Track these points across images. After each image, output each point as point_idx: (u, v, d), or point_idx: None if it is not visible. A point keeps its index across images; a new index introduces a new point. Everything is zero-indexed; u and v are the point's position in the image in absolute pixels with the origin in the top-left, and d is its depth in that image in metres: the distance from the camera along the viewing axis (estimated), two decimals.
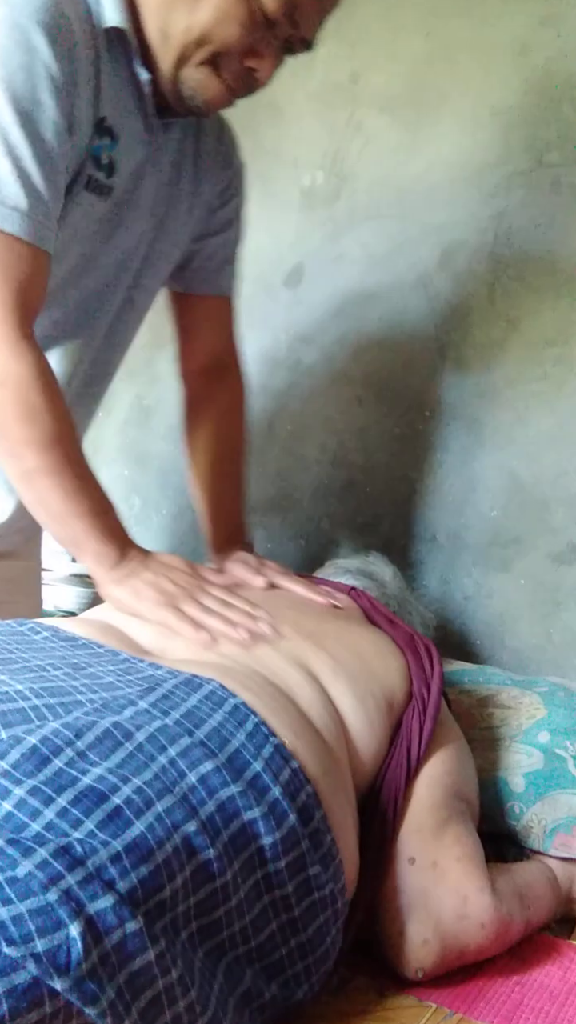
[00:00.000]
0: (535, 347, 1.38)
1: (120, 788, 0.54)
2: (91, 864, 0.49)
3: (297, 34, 0.88)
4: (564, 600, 1.35)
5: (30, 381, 0.83)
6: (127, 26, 0.87)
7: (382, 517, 1.53)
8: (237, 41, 0.86)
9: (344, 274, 1.57)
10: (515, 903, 0.76)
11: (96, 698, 0.62)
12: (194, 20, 0.85)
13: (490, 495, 1.42)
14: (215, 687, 0.66)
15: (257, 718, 0.64)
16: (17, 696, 0.61)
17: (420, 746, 0.78)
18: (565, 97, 1.36)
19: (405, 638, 0.89)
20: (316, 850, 0.62)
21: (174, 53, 0.88)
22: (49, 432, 0.83)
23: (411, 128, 1.51)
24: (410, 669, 0.85)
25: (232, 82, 0.90)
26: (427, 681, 0.84)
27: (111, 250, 0.98)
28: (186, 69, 0.89)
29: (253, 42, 0.86)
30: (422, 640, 0.90)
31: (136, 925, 0.49)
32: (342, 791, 0.69)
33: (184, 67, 0.89)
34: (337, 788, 0.68)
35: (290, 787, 0.62)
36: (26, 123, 0.80)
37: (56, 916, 0.46)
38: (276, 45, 0.88)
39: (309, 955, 0.62)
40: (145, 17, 0.88)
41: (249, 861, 0.58)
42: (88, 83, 0.85)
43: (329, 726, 0.72)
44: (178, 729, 0.60)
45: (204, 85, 0.89)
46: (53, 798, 0.52)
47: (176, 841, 0.54)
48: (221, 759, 0.59)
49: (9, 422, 0.83)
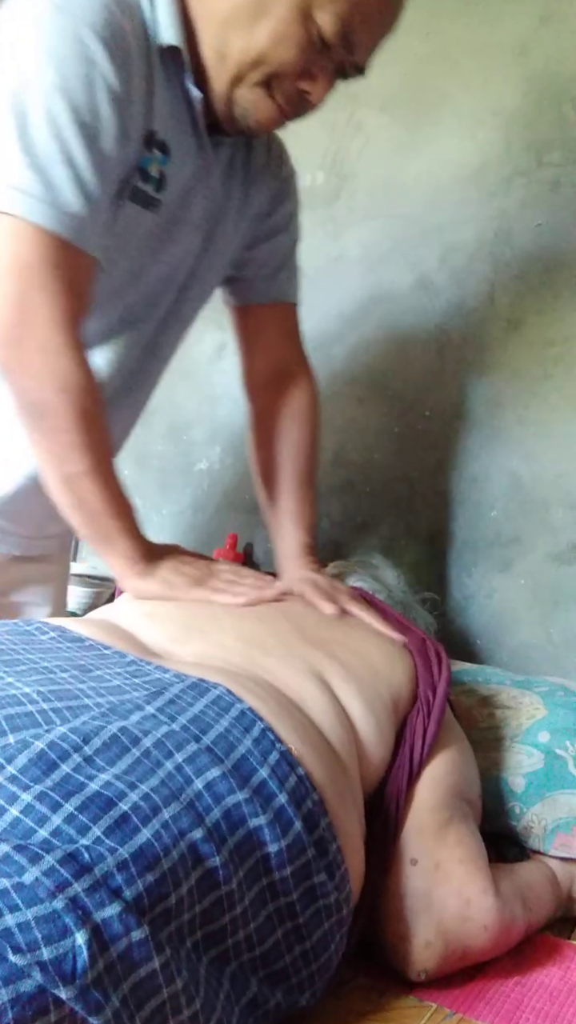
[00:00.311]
0: (535, 347, 1.38)
1: (127, 794, 0.53)
2: (98, 871, 0.49)
3: (351, 59, 0.89)
4: (564, 600, 1.35)
5: (88, 388, 0.83)
6: (182, 44, 0.87)
7: (382, 517, 1.53)
8: (293, 63, 0.87)
9: (344, 274, 1.57)
10: (517, 905, 0.77)
11: (103, 702, 0.62)
12: (252, 41, 0.86)
13: (490, 495, 1.42)
14: (222, 692, 0.65)
15: (264, 724, 0.64)
16: (24, 699, 0.60)
17: (423, 748, 0.78)
18: (565, 97, 1.36)
19: (417, 642, 0.89)
20: (321, 858, 0.62)
21: (229, 73, 0.88)
22: (99, 439, 0.85)
23: (411, 128, 1.51)
24: (417, 672, 0.85)
25: (284, 104, 0.91)
26: (434, 684, 0.84)
27: (159, 264, 0.98)
28: (240, 89, 0.89)
29: (308, 64, 0.87)
30: (433, 644, 0.90)
31: (142, 933, 0.49)
32: (349, 798, 0.69)
33: (238, 87, 0.89)
34: (344, 795, 0.68)
35: (296, 794, 0.61)
36: (84, 132, 0.80)
37: (62, 924, 0.46)
38: (330, 69, 0.90)
39: (313, 962, 0.62)
40: (201, 36, 0.88)
41: (254, 869, 0.58)
42: (141, 96, 0.86)
43: (340, 733, 0.72)
44: (185, 735, 0.60)
45: (257, 106, 0.90)
46: (60, 804, 0.52)
47: (182, 848, 0.53)
48: (227, 765, 0.59)
49: (66, 427, 0.83)
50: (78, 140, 0.80)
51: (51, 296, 0.81)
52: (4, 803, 0.51)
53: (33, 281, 0.80)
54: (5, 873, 0.47)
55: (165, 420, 1.77)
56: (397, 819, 0.75)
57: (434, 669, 0.86)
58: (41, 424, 0.85)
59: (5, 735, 0.56)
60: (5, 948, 0.44)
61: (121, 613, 0.86)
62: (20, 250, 0.80)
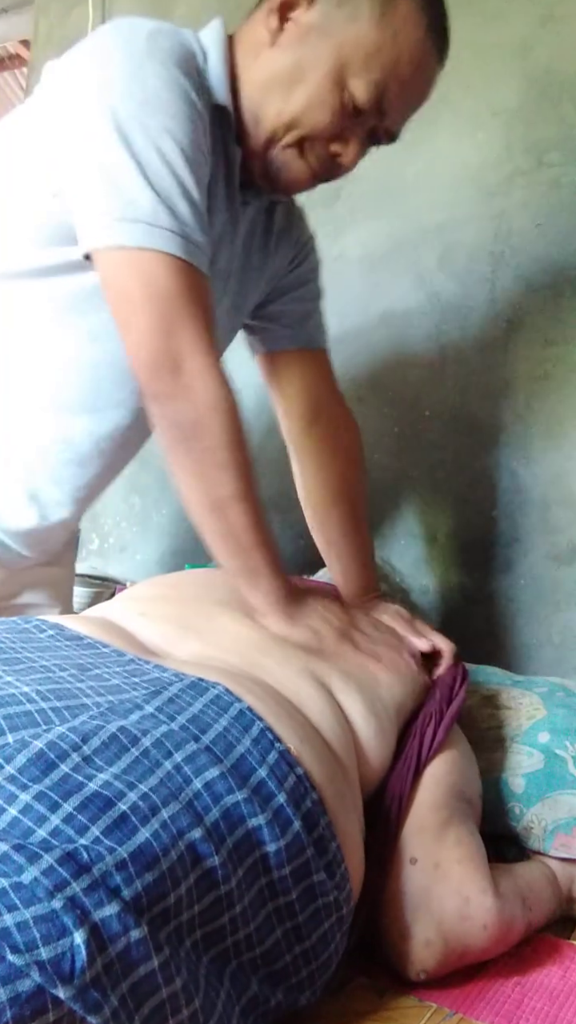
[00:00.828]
0: (535, 347, 1.38)
1: (126, 794, 0.53)
2: (97, 871, 0.49)
3: (383, 125, 0.92)
4: (564, 600, 1.35)
5: (235, 408, 0.84)
6: (229, 105, 0.90)
7: (382, 517, 1.53)
8: (326, 128, 0.89)
9: (344, 274, 1.57)
10: (517, 904, 0.77)
11: (102, 701, 0.62)
12: (288, 105, 0.89)
13: (490, 495, 1.42)
14: (221, 691, 0.65)
15: (263, 723, 0.64)
16: (23, 699, 0.60)
17: (429, 752, 0.79)
18: (565, 97, 1.36)
19: None
20: (321, 857, 0.62)
21: (265, 135, 0.91)
22: (245, 459, 0.84)
23: (411, 128, 1.50)
24: (435, 687, 0.86)
25: (316, 166, 0.93)
26: (449, 699, 0.86)
27: None
28: (274, 150, 0.92)
29: (341, 129, 0.90)
30: (461, 666, 0.92)
31: (140, 933, 0.49)
32: (348, 797, 0.69)
33: (272, 148, 0.92)
34: (343, 794, 0.68)
35: (295, 793, 0.61)
36: (192, 167, 0.82)
37: (61, 923, 0.46)
38: (362, 133, 0.92)
39: (313, 961, 0.62)
40: (243, 98, 0.91)
41: (253, 868, 0.58)
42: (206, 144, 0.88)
43: (338, 734, 0.72)
44: (184, 734, 0.60)
45: (289, 167, 0.92)
46: (59, 803, 0.52)
47: (181, 848, 0.53)
48: (226, 765, 0.59)
49: (218, 445, 0.83)
50: (189, 174, 0.82)
51: (194, 321, 0.82)
52: (3, 803, 0.51)
53: (177, 309, 0.81)
54: (3, 873, 0.47)
55: None
56: (398, 818, 0.76)
57: (452, 684, 0.88)
58: (193, 446, 0.83)
59: (4, 735, 0.56)
60: (3, 948, 0.44)
61: (116, 612, 0.86)
62: (160, 281, 0.81)
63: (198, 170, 0.83)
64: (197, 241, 0.82)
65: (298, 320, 1.13)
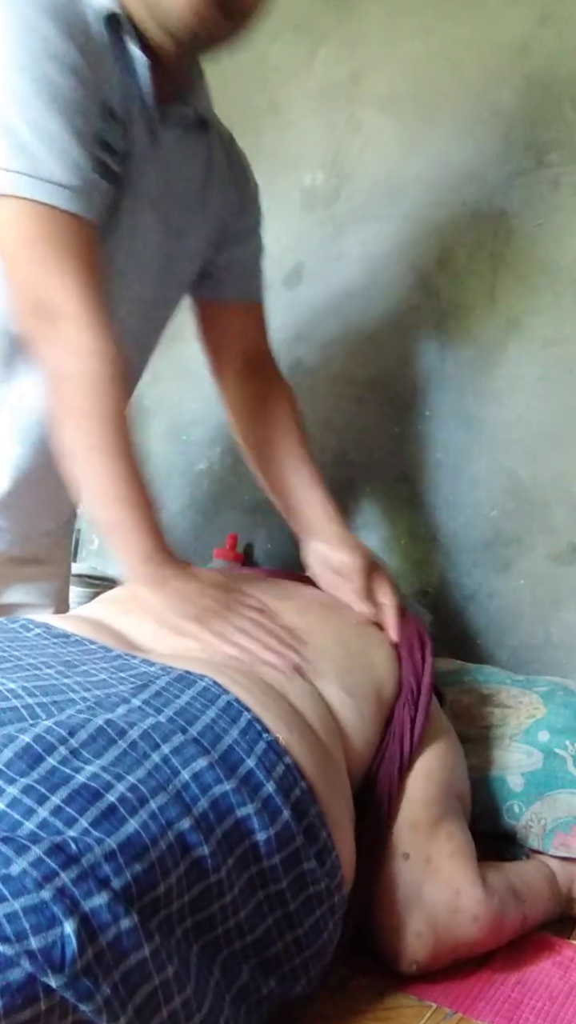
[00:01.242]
0: (535, 347, 1.38)
1: (114, 786, 0.54)
2: (85, 862, 0.49)
3: None
4: (564, 600, 1.34)
5: (111, 357, 0.83)
6: (119, 8, 0.88)
7: (382, 517, 1.53)
8: None
9: (344, 274, 1.57)
10: (508, 897, 0.77)
11: (89, 696, 0.62)
12: None
13: (490, 495, 1.41)
14: (208, 683, 0.66)
15: (250, 714, 0.64)
16: (10, 695, 0.61)
17: (412, 739, 0.78)
18: (565, 97, 1.36)
19: (406, 632, 0.89)
20: (311, 845, 0.62)
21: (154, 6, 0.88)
22: (116, 410, 0.84)
23: (411, 128, 1.51)
24: (400, 659, 0.85)
25: None
26: (418, 672, 0.84)
27: (122, 242, 0.97)
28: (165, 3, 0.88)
29: None
30: (417, 631, 0.90)
31: (131, 922, 0.49)
32: (338, 785, 0.69)
33: None
34: (332, 782, 0.68)
35: (284, 783, 0.62)
36: (51, 105, 0.81)
37: (51, 913, 0.46)
38: None
39: (306, 949, 0.62)
40: None
41: (243, 857, 0.58)
42: (95, 68, 0.86)
43: (321, 719, 0.73)
44: (171, 726, 0.60)
45: None
46: (47, 796, 0.52)
47: (170, 838, 0.54)
48: (214, 756, 0.60)
49: (87, 395, 0.83)
50: (48, 112, 0.81)
51: (66, 267, 0.82)
52: None
53: (44, 256, 0.81)
54: None
55: (165, 420, 1.77)
56: (389, 811, 0.75)
57: (416, 656, 0.86)
58: (65, 393, 0.84)
59: None
60: None
61: (106, 609, 0.86)
62: (23, 228, 0.81)
63: (61, 107, 0.81)
64: (62, 183, 0.81)
65: (244, 270, 1.13)
